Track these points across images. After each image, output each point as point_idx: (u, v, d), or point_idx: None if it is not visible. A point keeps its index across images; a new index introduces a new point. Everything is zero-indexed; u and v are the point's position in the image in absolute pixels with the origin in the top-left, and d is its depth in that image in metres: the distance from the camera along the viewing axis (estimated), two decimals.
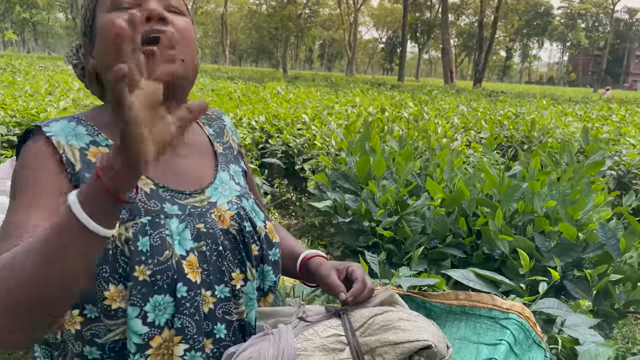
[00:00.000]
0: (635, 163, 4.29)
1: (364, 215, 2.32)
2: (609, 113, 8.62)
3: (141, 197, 0.86)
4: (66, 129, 0.87)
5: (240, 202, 0.98)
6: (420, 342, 0.84)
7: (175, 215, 0.86)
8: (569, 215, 2.13)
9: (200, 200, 0.92)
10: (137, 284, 0.79)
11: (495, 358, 1.15)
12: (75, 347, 0.84)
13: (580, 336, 1.40)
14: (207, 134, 1.06)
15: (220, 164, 1.02)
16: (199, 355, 0.85)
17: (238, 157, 1.10)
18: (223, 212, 0.93)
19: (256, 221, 0.98)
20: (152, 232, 0.82)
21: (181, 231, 0.86)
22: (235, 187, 1.01)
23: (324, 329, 0.93)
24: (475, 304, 1.29)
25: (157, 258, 0.81)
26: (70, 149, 0.84)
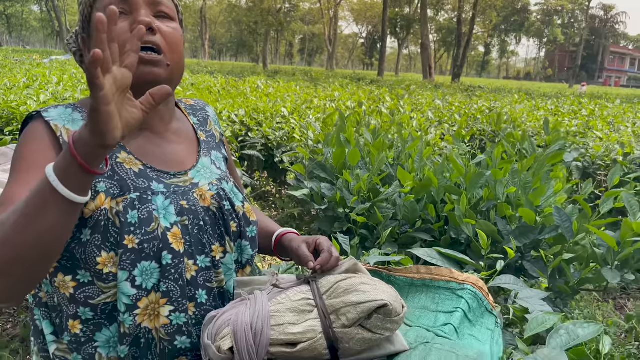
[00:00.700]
0: (599, 155, 4.50)
1: (338, 202, 2.45)
2: (579, 108, 8.91)
3: (131, 176, 0.96)
4: (63, 114, 0.97)
5: (220, 184, 1.09)
6: (377, 302, 0.96)
7: (161, 193, 0.97)
8: (530, 201, 2.29)
9: (183, 181, 1.03)
10: (127, 251, 0.90)
11: (451, 323, 1.28)
12: (70, 309, 0.94)
13: (530, 306, 1.54)
14: (191, 123, 1.17)
15: (202, 150, 1.13)
16: (182, 316, 0.95)
17: (220, 145, 1.20)
18: (204, 192, 1.04)
19: (235, 201, 1.09)
20: (140, 206, 0.93)
21: (166, 206, 0.96)
22: (216, 171, 1.12)
23: (295, 293, 1.05)
24: (435, 276, 1.42)
25: (144, 229, 0.92)
26: (66, 132, 0.94)
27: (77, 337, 0.95)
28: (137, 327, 0.93)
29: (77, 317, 0.94)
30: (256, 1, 48.19)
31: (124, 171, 0.96)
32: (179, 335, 0.96)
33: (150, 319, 0.94)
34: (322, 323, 0.99)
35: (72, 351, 0.97)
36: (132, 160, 0.98)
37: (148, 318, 0.94)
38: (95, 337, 0.95)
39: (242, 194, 1.16)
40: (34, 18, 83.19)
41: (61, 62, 15.68)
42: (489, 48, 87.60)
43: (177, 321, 0.95)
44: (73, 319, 0.95)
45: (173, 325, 0.95)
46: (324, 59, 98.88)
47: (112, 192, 0.93)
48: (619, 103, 11.41)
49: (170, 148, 1.06)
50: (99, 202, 0.92)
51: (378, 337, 0.98)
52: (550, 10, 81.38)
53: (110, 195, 0.92)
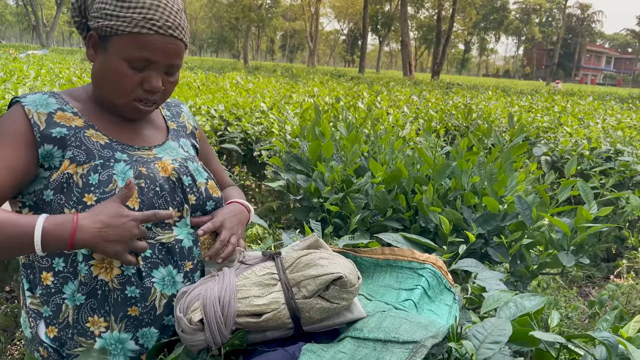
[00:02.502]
0: (567, 149, 4.67)
1: (313, 193, 2.53)
2: (552, 104, 9.14)
3: (97, 147, 1.09)
4: (38, 100, 1.09)
5: (185, 162, 1.19)
6: (334, 274, 1.06)
7: (123, 160, 1.09)
8: (494, 190, 2.40)
9: (147, 154, 1.15)
10: (86, 208, 1.02)
11: (411, 299, 1.38)
12: (44, 262, 1.07)
13: (488, 285, 1.65)
14: (163, 115, 1.30)
15: (171, 136, 1.26)
16: (131, 268, 1.07)
17: (190, 135, 1.33)
18: (166, 165, 1.15)
19: (197, 177, 1.20)
20: (102, 171, 1.06)
21: (126, 171, 1.08)
22: (182, 153, 1.24)
23: (260, 269, 1.13)
24: (398, 257, 1.52)
25: (103, 189, 1.04)
26: (37, 115, 1.06)
27: (48, 289, 1.07)
28: (94, 279, 1.05)
29: (51, 268, 1.07)
30: None
31: (91, 143, 1.08)
32: (129, 285, 1.06)
33: (106, 272, 1.05)
34: (285, 295, 1.08)
35: (43, 304, 1.09)
36: (99, 135, 1.11)
37: (104, 271, 1.05)
38: (63, 289, 1.07)
39: (207, 172, 1.25)
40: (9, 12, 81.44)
41: (38, 56, 15.45)
42: (469, 46, 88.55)
43: (127, 272, 1.06)
44: (46, 271, 1.07)
45: (124, 275, 1.06)
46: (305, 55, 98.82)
47: (78, 160, 1.05)
48: (591, 100, 11.73)
49: (139, 130, 1.19)
50: (63, 167, 1.04)
51: (336, 306, 1.07)
52: (529, 9, 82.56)
53: (75, 162, 1.05)
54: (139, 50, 1.04)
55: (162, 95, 1.13)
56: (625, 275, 4.20)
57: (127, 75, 1.06)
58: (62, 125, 1.07)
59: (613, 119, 7.34)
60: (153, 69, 1.08)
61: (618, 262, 4.28)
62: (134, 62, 1.05)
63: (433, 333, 1.04)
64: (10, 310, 2.92)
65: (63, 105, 1.11)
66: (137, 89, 1.08)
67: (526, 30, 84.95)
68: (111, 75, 1.07)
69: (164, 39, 1.06)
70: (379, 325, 1.06)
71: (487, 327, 1.16)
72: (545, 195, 2.22)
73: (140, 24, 1.03)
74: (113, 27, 1.04)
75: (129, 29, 1.03)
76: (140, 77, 1.07)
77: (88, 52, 1.13)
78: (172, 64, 1.10)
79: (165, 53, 1.07)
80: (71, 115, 1.10)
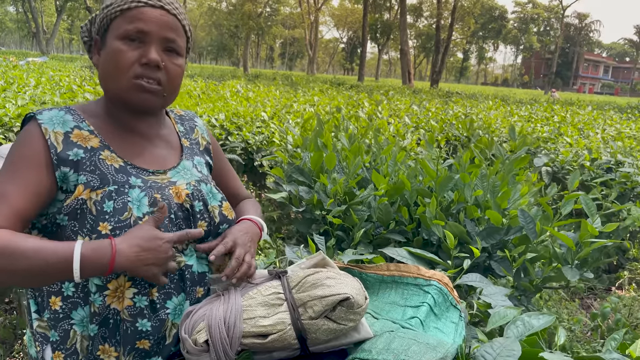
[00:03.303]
0: (568, 160, 4.67)
1: (316, 205, 2.52)
2: (551, 114, 9.16)
3: (111, 171, 1.06)
4: (55, 117, 1.07)
5: (198, 186, 1.17)
6: (340, 295, 1.05)
7: (138, 186, 1.07)
8: (497, 203, 2.39)
9: (161, 179, 1.13)
10: (100, 237, 1.00)
11: (417, 317, 1.37)
12: (53, 286, 1.05)
13: (493, 302, 1.64)
14: (177, 131, 1.27)
15: (185, 155, 1.23)
16: (144, 299, 1.04)
17: (204, 152, 1.31)
18: (180, 190, 1.13)
19: (210, 201, 1.17)
20: (116, 197, 1.03)
21: (141, 198, 1.06)
22: (196, 173, 1.21)
23: (266, 288, 1.12)
24: (403, 273, 1.51)
25: (118, 217, 1.02)
26: (54, 135, 1.04)
27: (56, 314, 1.04)
28: (107, 308, 1.02)
29: (60, 293, 1.04)
30: (237, 5, 48.13)
31: (105, 167, 1.06)
32: (140, 317, 1.04)
33: (118, 301, 1.03)
34: (291, 315, 1.06)
35: (50, 328, 1.06)
36: (114, 157, 1.08)
37: (117, 300, 1.03)
38: (72, 315, 1.04)
39: (222, 194, 1.23)
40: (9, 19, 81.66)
41: (38, 64, 15.47)
42: (467, 54, 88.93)
43: (140, 304, 1.04)
44: (55, 296, 1.04)
45: (136, 307, 1.03)
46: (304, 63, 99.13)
47: (92, 185, 1.03)
48: (590, 109, 11.76)
49: (153, 150, 1.16)
50: (77, 192, 1.02)
51: (343, 327, 1.06)
52: (527, 18, 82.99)
53: (89, 187, 1.03)
54: (131, 23, 1.05)
55: (166, 78, 1.10)
56: (627, 286, 4.19)
57: (122, 51, 1.05)
58: (79, 146, 1.06)
59: (612, 129, 7.35)
60: (148, 42, 1.07)
61: (619, 274, 4.26)
62: (128, 37, 1.06)
63: (442, 354, 1.02)
64: (9, 322, 2.89)
65: (79, 122, 1.09)
66: (135, 66, 1.06)
67: (524, 39, 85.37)
68: (110, 59, 1.06)
69: (155, 10, 1.07)
70: (388, 346, 1.05)
71: (496, 348, 1.15)
72: (549, 209, 2.21)
73: (130, 0, 1.07)
74: (107, 14, 1.08)
75: (120, 7, 1.07)
76: (138, 53, 1.06)
77: (94, 59, 1.13)
78: (167, 37, 1.08)
79: (158, 23, 1.07)
80: (87, 133, 1.09)
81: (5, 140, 3.54)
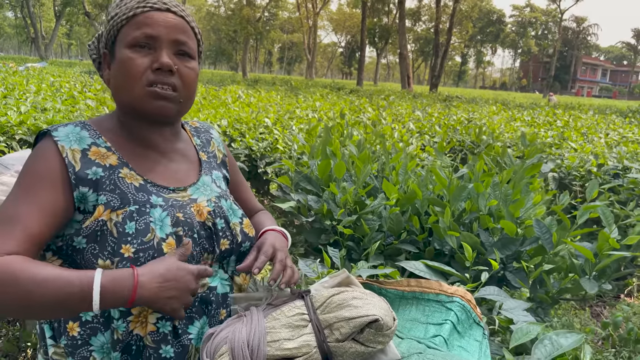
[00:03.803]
0: (574, 165, 4.63)
1: (325, 215, 2.48)
2: (554, 118, 9.13)
3: (131, 190, 1.02)
4: (71, 134, 1.02)
5: (219, 202, 1.13)
6: (369, 317, 1.00)
7: (159, 206, 1.02)
8: (510, 213, 2.35)
9: (182, 196, 1.08)
10: (123, 260, 0.95)
11: (441, 335, 1.33)
12: None
13: (515, 317, 1.59)
14: (194, 144, 1.23)
15: (203, 170, 1.19)
16: (167, 324, 1.00)
17: (221, 165, 1.26)
18: (202, 208, 1.09)
19: (231, 218, 1.13)
20: (138, 218, 0.98)
21: (163, 218, 1.01)
22: (216, 189, 1.17)
23: (290, 309, 1.08)
24: (424, 289, 1.46)
25: (141, 239, 0.97)
26: (72, 153, 1.00)
27: (74, 340, 0.99)
28: (130, 334, 0.98)
29: (78, 318, 0.99)
30: (235, 10, 48.21)
31: (125, 185, 1.01)
32: (164, 344, 1.00)
33: (141, 326, 0.98)
34: (317, 338, 1.02)
35: (67, 355, 1.01)
36: (133, 175, 1.04)
37: (140, 325, 0.98)
38: (90, 341, 0.99)
39: (241, 210, 1.19)
40: (7, 24, 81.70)
41: (37, 69, 15.44)
42: (466, 58, 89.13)
43: (163, 329, 0.99)
44: (73, 321, 0.99)
45: (159, 333, 0.99)
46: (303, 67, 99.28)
47: (112, 205, 0.99)
48: (592, 114, 11.74)
49: (172, 166, 1.12)
50: (97, 213, 0.97)
51: (371, 350, 1.01)
52: (524, 22, 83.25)
53: (110, 208, 0.98)
54: (139, 29, 1.02)
55: (181, 82, 1.05)
56: (636, 293, 4.15)
57: (132, 59, 1.01)
58: (98, 165, 1.01)
59: (615, 133, 7.33)
60: (159, 47, 1.03)
61: (628, 281, 4.22)
62: (137, 44, 1.02)
63: None
64: (12, 334, 2.84)
65: (96, 138, 1.05)
66: (147, 72, 1.02)
67: (522, 43, 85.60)
68: (120, 69, 1.03)
69: (161, 13, 1.04)
70: None
71: None
72: (565, 219, 2.17)
73: (135, 6, 1.04)
74: (114, 25, 1.04)
75: (126, 15, 1.03)
76: (149, 59, 1.02)
77: (104, 74, 1.09)
78: (177, 39, 1.04)
79: (166, 26, 1.03)
80: (105, 150, 1.04)
81: (7, 148, 3.49)
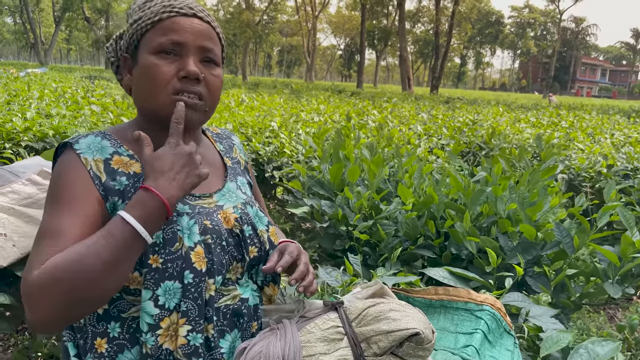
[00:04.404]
0: (584, 167, 4.60)
1: (340, 220, 2.45)
2: (558, 119, 9.10)
3: None
4: (92, 144, 1.00)
5: (245, 208, 1.10)
6: (409, 330, 0.96)
7: (186, 213, 0.99)
8: (528, 216, 2.32)
9: (208, 203, 1.05)
10: (151, 270, 0.92)
11: (472, 345, 1.29)
12: (99, 327, 0.96)
13: (544, 325, 1.56)
14: (218, 150, 1.20)
15: (229, 175, 1.16)
16: (199, 336, 0.96)
17: (245, 171, 1.24)
18: (228, 215, 1.06)
19: (258, 225, 1.10)
20: (165, 226, 0.95)
21: (191, 226, 0.98)
22: (241, 195, 1.14)
23: (324, 321, 1.04)
24: (453, 297, 1.43)
25: (168, 249, 0.94)
26: (95, 164, 0.97)
27: (101, 357, 0.96)
28: (159, 349, 0.94)
29: (106, 334, 0.96)
30: (234, 13, 48.27)
31: None
32: (195, 356, 0.96)
33: (171, 340, 0.94)
34: (354, 352, 0.98)
35: None
36: None
37: (169, 339, 0.94)
38: (117, 358, 0.96)
39: (267, 217, 1.16)
40: (7, 30, 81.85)
41: (38, 75, 15.44)
42: (465, 59, 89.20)
43: (194, 342, 0.96)
44: (101, 337, 0.96)
45: (190, 345, 0.95)
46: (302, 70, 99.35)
47: None
48: (595, 114, 11.71)
49: None
50: None
51: None
52: (523, 23, 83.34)
53: None
54: (165, 35, 0.99)
55: (207, 91, 1.02)
56: None
57: (158, 66, 0.98)
58: (122, 173, 0.99)
59: (621, 133, 7.30)
60: (185, 54, 0.99)
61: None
62: (164, 50, 0.99)
63: None
64: (21, 343, 2.80)
65: (117, 147, 1.02)
66: (173, 80, 0.98)
67: (521, 44, 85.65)
68: (144, 75, 0.99)
69: (188, 19, 1.01)
70: None
71: None
72: (585, 222, 2.14)
73: (161, 11, 1.00)
74: (137, 29, 1.01)
75: (151, 20, 1.00)
76: (175, 67, 0.99)
77: (124, 79, 1.06)
78: (203, 46, 1.01)
79: (193, 32, 1.00)
80: (127, 159, 1.02)
81: (14, 155, 3.46)
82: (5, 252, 1.76)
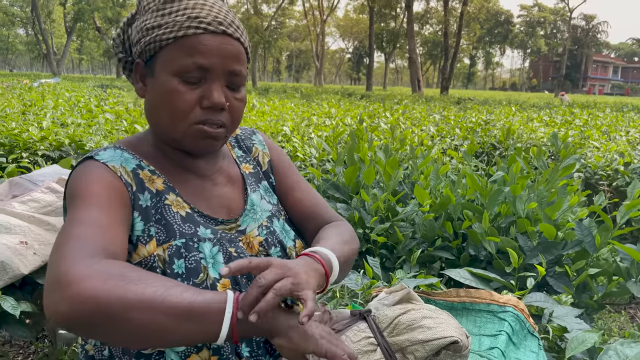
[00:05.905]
0: (600, 165, 4.54)
1: (357, 222, 2.43)
2: (572, 118, 9.01)
3: (177, 220, 0.92)
4: (115, 155, 0.94)
5: (271, 225, 1.03)
6: (447, 339, 0.93)
7: (208, 239, 0.92)
8: (548, 215, 2.29)
9: (229, 228, 0.98)
10: None
11: (498, 347, 1.27)
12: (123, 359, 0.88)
13: (568, 325, 1.53)
14: (234, 158, 1.11)
15: (249, 186, 1.07)
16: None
17: (268, 172, 1.14)
18: (252, 239, 0.99)
19: (286, 242, 1.03)
20: (187, 254, 0.88)
21: (215, 254, 0.91)
22: (266, 206, 1.06)
23: (355, 333, 1.00)
24: (475, 299, 1.41)
25: (192, 280, 0.86)
26: (124, 171, 0.92)
27: None
28: None
29: None
30: (243, 19, 48.48)
31: (171, 215, 0.92)
32: None
33: None
34: None
35: None
36: (179, 202, 0.95)
37: None
38: None
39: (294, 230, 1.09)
40: (19, 42, 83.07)
41: (52, 85, 15.63)
42: (474, 60, 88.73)
43: None
44: None
45: None
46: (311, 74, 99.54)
47: (159, 238, 0.89)
48: (609, 112, 11.58)
49: (217, 191, 1.03)
50: (151, 247, 0.88)
51: None
52: (533, 22, 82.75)
53: (157, 241, 0.89)
54: (189, 56, 0.87)
55: (230, 117, 0.93)
56: None
57: (180, 93, 0.88)
58: (148, 190, 0.92)
59: (636, 131, 7.20)
60: (210, 79, 0.89)
61: None
62: (187, 74, 0.88)
63: None
64: (41, 350, 2.82)
65: (139, 161, 0.96)
66: (195, 109, 0.89)
67: (531, 43, 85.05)
68: (163, 98, 0.89)
69: (216, 38, 0.89)
70: None
71: None
72: (608, 220, 2.11)
73: (186, 24, 0.88)
74: (157, 40, 0.89)
75: (174, 34, 0.88)
76: (198, 93, 0.89)
77: (137, 86, 0.96)
78: (232, 70, 0.91)
79: (221, 55, 0.89)
80: (150, 174, 0.95)
81: (31, 164, 3.50)
82: (27, 260, 1.78)
